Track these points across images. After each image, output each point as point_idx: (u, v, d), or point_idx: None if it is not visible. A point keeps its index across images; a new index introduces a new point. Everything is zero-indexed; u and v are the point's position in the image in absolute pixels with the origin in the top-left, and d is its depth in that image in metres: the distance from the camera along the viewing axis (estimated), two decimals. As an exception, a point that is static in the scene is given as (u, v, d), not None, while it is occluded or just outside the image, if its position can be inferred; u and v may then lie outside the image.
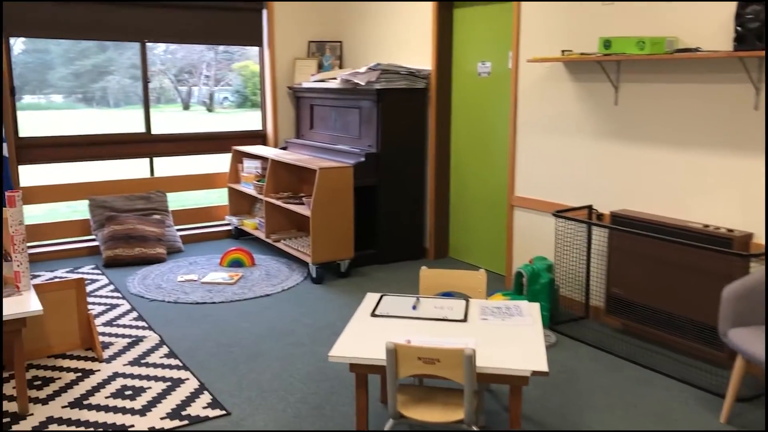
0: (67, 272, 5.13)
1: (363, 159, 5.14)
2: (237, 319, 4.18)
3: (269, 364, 3.54)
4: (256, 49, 6.38)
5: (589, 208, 4.18)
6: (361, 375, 2.55)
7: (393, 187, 5.34)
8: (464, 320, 2.79)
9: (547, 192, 4.49)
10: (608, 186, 4.09)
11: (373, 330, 2.70)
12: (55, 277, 5.00)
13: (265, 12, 6.21)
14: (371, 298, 3.07)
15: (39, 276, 5.02)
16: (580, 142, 4.23)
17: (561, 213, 4.11)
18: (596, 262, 4.18)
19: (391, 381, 2.39)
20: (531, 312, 2.91)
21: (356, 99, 5.39)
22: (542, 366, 2.39)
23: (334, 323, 4.13)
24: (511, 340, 2.61)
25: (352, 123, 5.49)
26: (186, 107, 19.40)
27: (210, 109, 19.56)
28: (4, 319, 2.86)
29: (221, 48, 17.31)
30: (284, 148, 6.25)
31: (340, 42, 6.39)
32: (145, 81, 5.86)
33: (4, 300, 3.03)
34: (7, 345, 3.37)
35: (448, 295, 3.27)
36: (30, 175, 5.50)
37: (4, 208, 3.13)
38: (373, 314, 2.86)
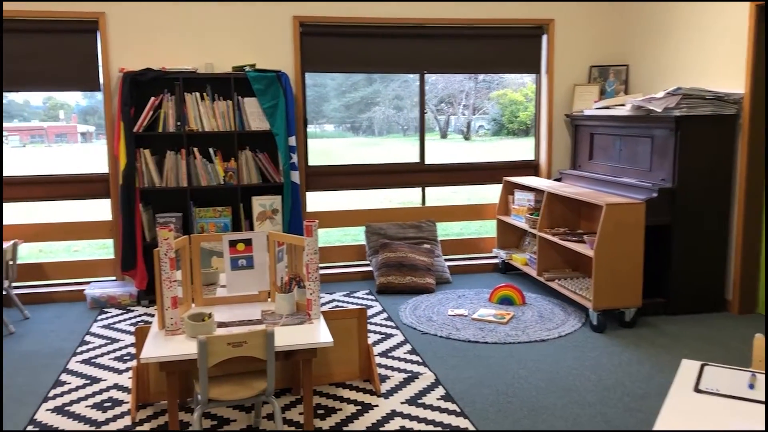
0: (345, 296, 5.30)
1: (655, 195, 4.57)
2: (513, 365, 3.88)
3: (553, 423, 3.19)
4: (514, 76, 6.17)
5: None
6: (691, 467, 2.08)
7: (690, 228, 4.67)
8: (828, 412, 2.17)
9: None
10: None
11: (702, 411, 2.21)
12: (334, 300, 5.19)
13: (545, 37, 5.93)
14: (689, 367, 2.56)
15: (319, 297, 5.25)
16: None
17: None
18: None
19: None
20: None
21: (648, 127, 4.84)
22: None
23: (623, 383, 3.63)
24: None
25: (642, 154, 4.94)
26: (444, 136, 19.93)
27: (467, 138, 19.84)
28: (298, 348, 2.90)
29: (480, 77, 17.54)
30: (558, 180, 5.87)
31: (626, 66, 5.86)
32: (422, 112, 5.91)
33: (298, 327, 3.09)
34: (298, 371, 3.47)
35: (788, 370, 2.63)
36: (312, 200, 5.82)
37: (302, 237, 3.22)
38: (696, 389, 2.37)
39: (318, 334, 2.99)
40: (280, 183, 5.29)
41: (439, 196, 11.48)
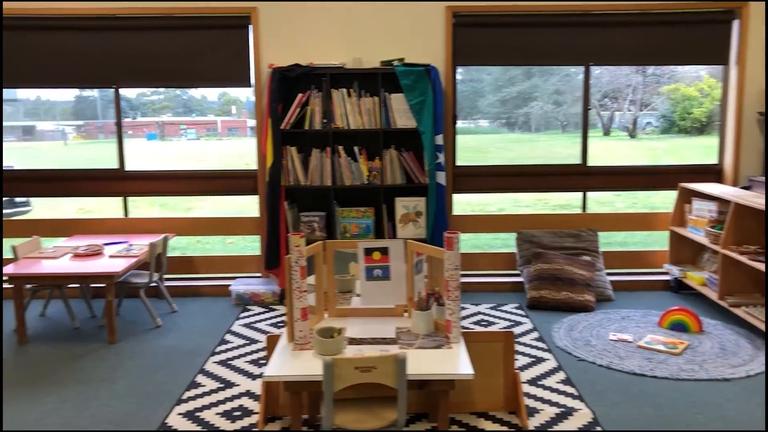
0: (491, 309, 4.89)
1: None
2: (688, 407, 3.28)
3: (743, 493, 2.60)
4: (688, 69, 5.35)
5: None
6: None
7: None
8: None
9: None
10: None
11: None
12: (479, 313, 4.80)
13: (735, 23, 5.11)
14: None
15: (463, 309, 4.88)
16: None
17: None
18: None
19: None
20: None
21: None
22: None
23: (836, 446, 2.92)
24: None
25: None
26: (606, 133, 18.75)
27: (632, 135, 18.51)
28: (433, 378, 2.56)
29: (650, 70, 16.18)
30: (747, 188, 5.05)
31: (840, 53, 4.90)
32: (586, 108, 5.33)
33: (434, 352, 2.75)
34: (434, 401, 3.13)
35: None
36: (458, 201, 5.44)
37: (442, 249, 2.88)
38: None
39: (457, 363, 2.63)
40: (425, 184, 4.98)
41: (599, 199, 10.64)
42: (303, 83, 4.98)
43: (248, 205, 9.75)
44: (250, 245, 8.54)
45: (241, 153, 16.25)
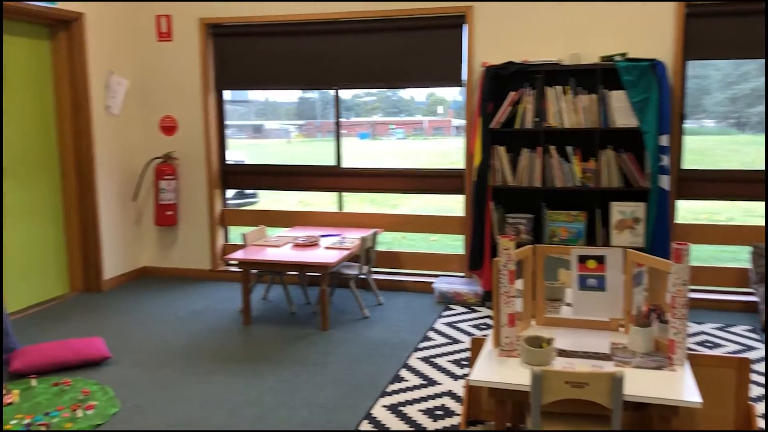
0: (717, 329, 4.41)
1: None
2: None
3: None
4: None
5: None
6: None
7: None
8: None
9: None
10: None
11: None
12: (702, 333, 4.34)
13: None
14: None
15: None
16: None
17: None
18: None
19: None
20: None
21: None
22: None
23: None
24: None
25: None
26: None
27: None
28: (653, 401, 2.33)
29: None
30: None
31: None
32: None
33: (655, 373, 2.51)
34: (649, 425, 2.88)
35: None
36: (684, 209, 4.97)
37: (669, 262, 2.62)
38: None
39: (681, 387, 2.38)
40: (645, 188, 4.62)
41: None
42: (516, 81, 4.86)
43: (450, 204, 9.83)
44: (452, 244, 8.59)
45: (446, 152, 16.49)
